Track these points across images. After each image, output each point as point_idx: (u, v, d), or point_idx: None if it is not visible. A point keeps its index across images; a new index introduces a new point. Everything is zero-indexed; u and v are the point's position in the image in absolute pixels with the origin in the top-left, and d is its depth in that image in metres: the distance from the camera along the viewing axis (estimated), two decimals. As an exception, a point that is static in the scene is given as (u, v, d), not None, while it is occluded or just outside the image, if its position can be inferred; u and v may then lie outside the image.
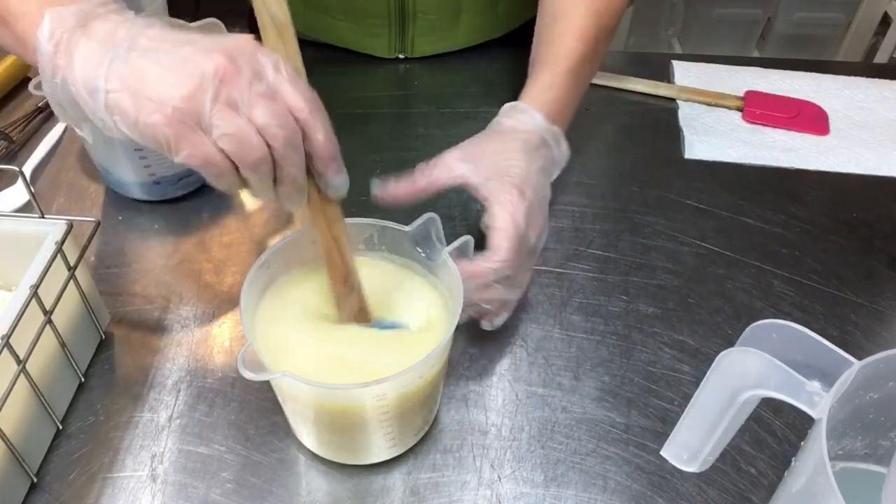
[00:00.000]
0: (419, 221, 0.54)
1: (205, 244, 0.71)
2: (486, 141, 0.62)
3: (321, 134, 0.44)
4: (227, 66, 0.41)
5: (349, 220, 0.55)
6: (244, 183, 0.44)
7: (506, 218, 0.55)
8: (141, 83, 0.42)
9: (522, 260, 0.57)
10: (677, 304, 0.67)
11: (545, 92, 0.66)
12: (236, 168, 0.43)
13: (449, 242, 0.54)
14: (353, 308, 0.52)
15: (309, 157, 0.45)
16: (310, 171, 0.46)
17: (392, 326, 0.53)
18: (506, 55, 0.95)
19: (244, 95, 0.42)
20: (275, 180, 0.45)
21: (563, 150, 0.65)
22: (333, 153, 0.46)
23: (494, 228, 0.55)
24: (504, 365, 0.61)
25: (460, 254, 0.54)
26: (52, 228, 0.55)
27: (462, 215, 0.73)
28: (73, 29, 0.44)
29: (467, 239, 0.54)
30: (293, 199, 0.46)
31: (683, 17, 1.99)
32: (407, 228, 0.54)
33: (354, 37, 0.92)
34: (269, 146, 0.43)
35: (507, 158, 0.60)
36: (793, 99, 0.90)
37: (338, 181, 0.47)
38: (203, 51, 0.42)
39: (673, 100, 0.90)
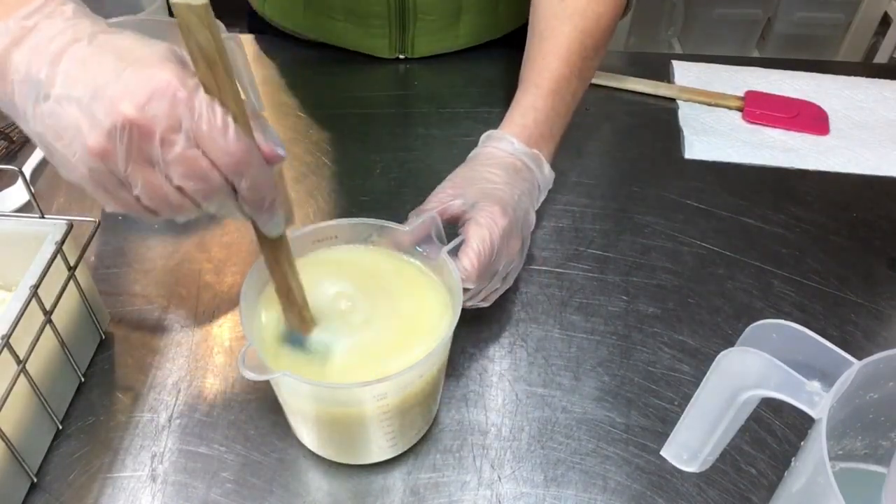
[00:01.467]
0: (419, 221, 0.54)
1: (205, 244, 0.71)
2: (469, 169, 0.62)
3: (245, 185, 0.42)
4: (138, 120, 0.38)
5: (350, 221, 0.56)
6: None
7: (483, 236, 0.54)
8: (58, 133, 0.40)
9: (487, 281, 0.56)
10: (677, 304, 0.67)
11: (525, 116, 0.65)
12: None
13: (448, 241, 0.54)
14: (295, 318, 0.51)
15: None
16: None
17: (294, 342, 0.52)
18: (506, 55, 0.95)
19: (157, 153, 0.39)
20: None
21: (546, 174, 0.64)
22: (259, 203, 0.43)
23: (467, 245, 0.54)
24: (504, 365, 0.61)
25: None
26: (52, 228, 0.55)
27: (462, 215, 0.73)
28: (7, 51, 0.40)
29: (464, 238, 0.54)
30: (234, 218, 0.45)
31: (683, 17, 2.00)
32: (407, 228, 0.55)
33: (355, 37, 0.92)
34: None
35: (490, 182, 0.59)
36: (793, 99, 0.90)
37: (268, 227, 0.46)
38: (117, 95, 0.39)
39: (673, 100, 0.90)
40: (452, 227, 0.57)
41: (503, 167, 0.61)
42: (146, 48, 0.41)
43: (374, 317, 0.53)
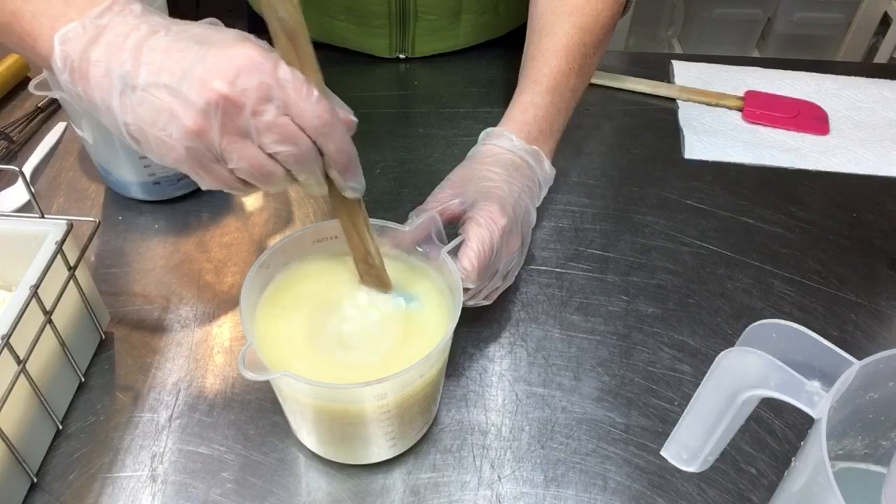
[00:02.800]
0: (419, 220, 0.54)
1: (205, 244, 0.71)
2: (468, 168, 0.62)
3: (333, 147, 0.45)
4: (230, 95, 0.41)
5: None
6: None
7: (482, 236, 0.54)
8: (151, 119, 0.42)
9: (487, 280, 0.56)
10: (677, 304, 0.67)
11: (524, 112, 0.65)
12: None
13: (448, 241, 0.54)
14: (373, 281, 0.54)
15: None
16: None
17: (407, 300, 0.54)
18: (506, 55, 0.95)
19: (250, 123, 0.42)
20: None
21: (546, 170, 0.64)
22: (346, 163, 0.46)
23: (467, 245, 0.54)
24: (504, 365, 0.61)
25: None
26: (52, 228, 0.55)
27: (462, 215, 0.73)
28: (84, 49, 0.43)
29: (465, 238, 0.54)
30: (313, 191, 0.48)
31: (683, 17, 2.00)
32: (407, 228, 0.55)
33: (355, 37, 0.92)
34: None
35: (489, 180, 0.59)
36: (793, 99, 0.90)
37: (352, 186, 0.48)
38: (207, 75, 0.41)
39: (673, 100, 0.90)
40: (453, 228, 0.57)
41: (502, 165, 0.61)
42: (220, 33, 0.43)
43: (375, 317, 0.53)
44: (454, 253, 0.54)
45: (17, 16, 0.45)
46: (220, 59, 0.41)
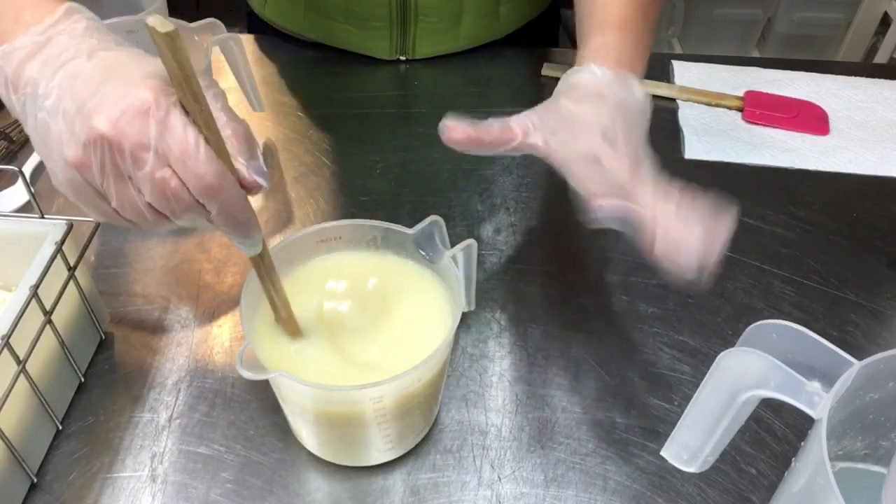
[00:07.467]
0: (423, 224, 0.54)
1: (205, 244, 0.71)
2: (563, 110, 0.56)
3: (216, 210, 0.41)
4: (109, 135, 0.39)
5: (354, 221, 0.56)
6: None
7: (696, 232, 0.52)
8: (44, 144, 0.42)
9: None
10: (677, 304, 0.67)
11: (598, 50, 0.59)
12: None
13: (450, 243, 0.54)
14: (283, 326, 0.51)
15: None
16: None
17: None
18: (506, 56, 0.95)
19: (129, 170, 0.40)
20: None
21: (642, 94, 0.59)
22: (233, 227, 0.43)
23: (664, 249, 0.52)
24: (504, 365, 0.61)
25: (464, 257, 0.53)
26: (52, 228, 0.55)
27: (462, 215, 0.73)
28: (20, 64, 0.42)
29: (471, 243, 0.53)
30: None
31: (683, 17, 2.00)
32: (410, 231, 0.54)
33: (356, 39, 0.92)
34: None
35: (599, 131, 0.54)
36: (793, 99, 0.90)
37: (242, 248, 0.45)
38: (92, 109, 0.40)
39: (673, 100, 0.90)
40: (452, 221, 0.57)
41: (604, 109, 0.55)
42: (136, 65, 0.41)
43: (376, 319, 0.53)
44: (465, 258, 0.53)
45: None
46: (112, 95, 0.40)
